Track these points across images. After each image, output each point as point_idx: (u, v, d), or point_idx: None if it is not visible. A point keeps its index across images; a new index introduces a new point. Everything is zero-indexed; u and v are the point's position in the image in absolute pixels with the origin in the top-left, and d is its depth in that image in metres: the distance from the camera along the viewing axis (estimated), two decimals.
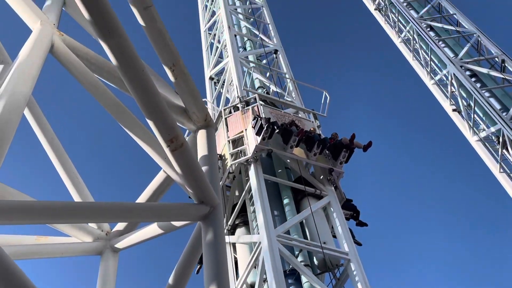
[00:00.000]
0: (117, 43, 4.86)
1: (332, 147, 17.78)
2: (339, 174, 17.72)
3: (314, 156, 17.53)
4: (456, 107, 27.78)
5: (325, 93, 20.24)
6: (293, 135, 17.17)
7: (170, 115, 5.35)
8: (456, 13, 30.72)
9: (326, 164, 17.78)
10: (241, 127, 18.48)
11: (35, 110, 6.94)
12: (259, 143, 16.90)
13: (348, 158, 17.77)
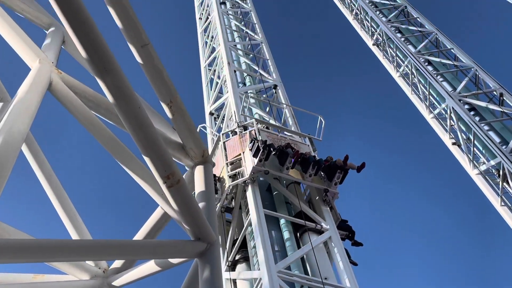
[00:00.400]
0: (113, 80, 4.91)
1: (326, 169, 18.13)
2: (334, 194, 18.01)
3: (309, 177, 17.84)
4: (456, 140, 27.80)
5: (320, 118, 20.55)
6: (289, 157, 17.53)
7: (167, 152, 5.37)
8: (453, 47, 31.03)
9: (321, 185, 18.00)
10: (239, 150, 18.83)
11: (33, 146, 6.97)
12: (256, 164, 17.21)
13: (342, 179, 18.05)
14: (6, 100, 8.50)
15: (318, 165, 17.93)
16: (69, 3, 4.68)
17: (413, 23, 34.57)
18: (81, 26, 4.75)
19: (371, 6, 36.48)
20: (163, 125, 6.73)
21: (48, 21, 7.77)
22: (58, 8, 4.68)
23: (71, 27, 4.75)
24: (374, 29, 35.88)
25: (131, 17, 5.84)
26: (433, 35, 32.51)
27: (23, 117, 5.48)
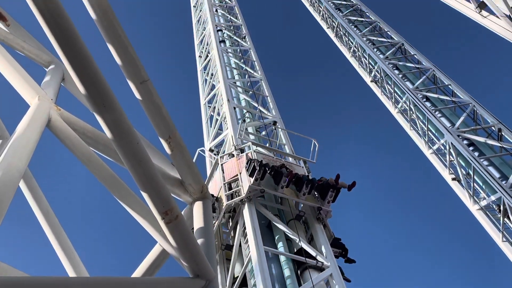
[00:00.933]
0: (112, 116, 4.92)
1: (319, 188, 18.75)
2: (327, 213, 18.50)
3: (303, 196, 18.44)
4: (455, 176, 27.78)
5: (314, 141, 21.22)
6: (284, 176, 18.11)
7: (165, 187, 5.35)
8: (451, 84, 31.26)
9: (315, 203, 18.53)
10: (236, 171, 19.37)
11: (31, 183, 6.95)
12: (252, 183, 17.80)
13: (335, 197, 18.61)
14: (4, 137, 8.52)
15: (312, 184, 18.52)
16: (68, 41, 4.73)
17: (411, 60, 34.92)
18: (80, 63, 4.78)
19: (368, 44, 36.89)
20: (162, 160, 6.73)
21: (48, 59, 7.84)
22: (58, 46, 4.72)
23: (70, 64, 4.78)
24: (372, 66, 36.22)
25: (130, 54, 5.88)
26: (431, 71, 32.80)
27: (21, 154, 5.47)
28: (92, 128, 6.42)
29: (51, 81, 7.04)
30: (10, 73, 6.41)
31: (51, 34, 4.65)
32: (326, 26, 44.09)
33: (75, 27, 4.77)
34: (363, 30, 38.73)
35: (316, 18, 46.33)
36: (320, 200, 18.65)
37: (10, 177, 5.07)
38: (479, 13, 20.04)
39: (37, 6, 4.53)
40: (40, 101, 6.11)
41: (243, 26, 37.13)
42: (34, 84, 6.37)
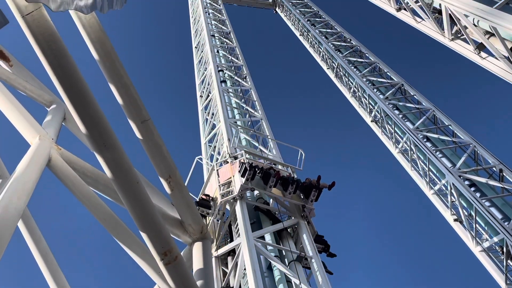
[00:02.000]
0: (113, 156, 4.92)
1: (304, 188, 20.71)
2: (310, 211, 20.36)
3: (289, 195, 20.40)
4: (458, 217, 27.53)
5: (300, 151, 23.01)
6: (271, 176, 20.20)
7: (164, 228, 5.30)
8: (451, 124, 31.27)
9: (299, 202, 20.41)
10: (230, 174, 21.34)
11: (30, 223, 6.89)
12: (243, 183, 19.75)
13: (317, 197, 20.60)
14: (4, 177, 8.50)
15: (297, 184, 20.49)
16: (70, 81, 4.76)
17: (410, 100, 35.01)
18: (82, 103, 4.81)
19: (368, 84, 37.11)
20: (161, 200, 6.69)
21: (50, 99, 7.90)
22: (60, 85, 4.76)
23: (72, 103, 4.81)
24: (372, 106, 36.35)
25: (131, 93, 5.93)
26: (431, 112, 32.86)
27: (21, 194, 5.44)
28: (92, 167, 6.41)
29: (52, 121, 7.06)
30: (11, 113, 6.44)
31: (54, 74, 4.69)
32: (326, 67, 44.48)
33: (77, 67, 4.81)
34: (363, 71, 38.97)
35: (316, 59, 46.80)
36: (304, 199, 20.54)
37: (9, 217, 5.03)
38: (478, 55, 20.27)
39: (40, 47, 4.58)
40: (40, 140, 6.12)
41: (244, 67, 37.44)
42: (35, 123, 6.39)
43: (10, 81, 7.70)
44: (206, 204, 20.70)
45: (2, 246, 4.70)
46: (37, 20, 4.46)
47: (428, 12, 23.04)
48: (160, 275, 5.69)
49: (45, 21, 4.51)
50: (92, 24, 5.68)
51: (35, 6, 4.41)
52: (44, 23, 4.50)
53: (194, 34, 45.53)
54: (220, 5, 51.60)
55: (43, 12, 4.49)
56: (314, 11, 51.73)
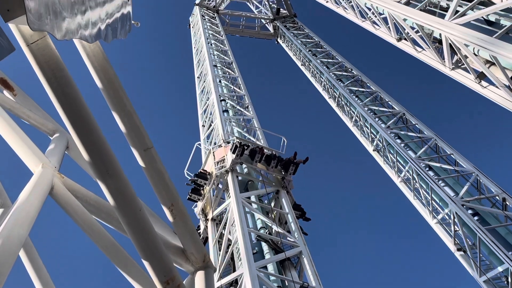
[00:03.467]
0: (116, 184, 4.92)
1: (283, 164, 25.49)
2: (289, 182, 25.30)
3: (272, 169, 25.38)
4: (461, 246, 27.32)
5: (283, 138, 27.59)
6: (257, 153, 25.16)
7: (167, 256, 5.27)
8: (453, 153, 31.27)
9: (280, 174, 25.46)
10: (223, 154, 26.26)
11: (31, 252, 6.85)
12: (234, 158, 24.77)
13: (295, 170, 25.48)
14: (6, 206, 8.47)
15: (278, 160, 25.42)
16: (74, 109, 4.79)
17: (412, 129, 35.09)
18: (86, 131, 4.84)
19: (370, 113, 37.24)
20: (164, 229, 6.66)
21: (53, 128, 7.93)
22: (64, 114, 4.78)
23: (76, 131, 4.83)
24: (374, 135, 36.43)
25: (134, 122, 5.96)
26: (432, 141, 32.90)
27: (23, 222, 5.41)
28: (95, 196, 6.40)
29: (55, 149, 7.08)
30: (14, 141, 6.46)
31: (58, 102, 4.72)
32: (328, 96, 44.70)
33: (81, 96, 4.85)
34: (364, 100, 39.15)
35: (318, 89, 47.05)
36: (284, 173, 25.37)
37: (10, 246, 5.00)
38: (479, 84, 20.36)
39: (45, 75, 4.62)
40: (43, 168, 6.12)
41: (246, 96, 37.70)
42: (38, 152, 6.40)
43: (14, 110, 7.73)
44: (204, 176, 25.94)
45: (3, 275, 4.67)
46: (42, 48, 4.50)
47: (429, 42, 23.24)
48: None
49: (50, 49, 4.55)
50: (96, 53, 5.73)
51: (40, 34, 4.46)
52: (49, 52, 4.54)
53: (196, 64, 45.93)
54: (222, 35, 52.15)
55: (48, 41, 4.54)
56: (315, 41, 52.21)
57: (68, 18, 4.26)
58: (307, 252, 21.13)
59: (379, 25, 29.21)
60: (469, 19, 19.62)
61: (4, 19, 3.43)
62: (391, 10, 25.43)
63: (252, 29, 61.81)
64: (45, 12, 3.72)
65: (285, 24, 59.02)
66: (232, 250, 21.51)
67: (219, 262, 20.46)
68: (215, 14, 59.72)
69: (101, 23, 5.35)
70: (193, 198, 26.10)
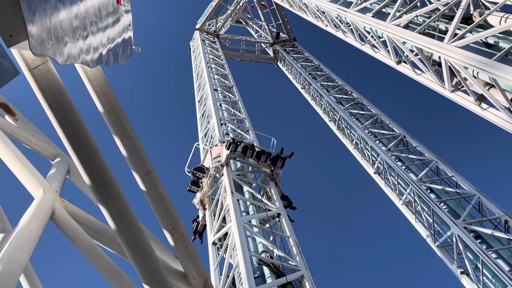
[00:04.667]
0: (117, 207, 4.92)
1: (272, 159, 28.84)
2: (277, 175, 28.50)
3: (261, 163, 28.76)
4: (464, 269, 27.12)
5: (273, 139, 30.78)
6: (248, 149, 28.57)
7: (168, 280, 5.23)
8: (454, 175, 31.22)
9: (269, 168, 28.75)
10: (219, 151, 29.49)
11: (32, 277, 6.81)
12: (228, 153, 28.17)
13: (282, 164, 28.84)
14: (7, 231, 8.45)
15: (267, 155, 28.79)
16: (76, 133, 4.81)
17: (413, 152, 35.07)
18: (87, 155, 4.85)
19: (370, 136, 37.29)
20: (165, 253, 6.62)
21: (54, 152, 7.94)
22: (65, 138, 4.80)
23: (77, 155, 4.84)
24: (375, 158, 36.42)
25: (135, 146, 5.98)
26: (434, 163, 32.87)
27: (23, 247, 5.39)
28: (96, 220, 6.38)
29: (56, 174, 7.08)
30: (16, 166, 6.46)
31: (59, 127, 4.74)
32: (328, 119, 44.80)
33: (83, 120, 4.87)
34: (365, 123, 39.24)
35: (318, 112, 47.17)
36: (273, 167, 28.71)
37: (11, 270, 4.98)
38: (478, 106, 20.40)
39: (46, 100, 4.64)
40: (44, 193, 6.12)
41: (247, 120, 37.85)
42: (39, 176, 6.40)
43: (15, 135, 7.76)
44: (202, 170, 29.39)
45: None
46: (43, 73, 4.53)
47: (428, 65, 23.34)
48: None
49: (52, 74, 4.58)
50: (97, 78, 5.78)
51: (42, 59, 4.49)
52: (51, 77, 4.58)
53: (197, 88, 46.14)
54: (222, 60, 52.46)
55: (50, 66, 4.57)
56: (315, 64, 52.50)
57: (70, 43, 4.30)
58: (309, 276, 21.06)
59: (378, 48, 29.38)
60: (468, 41, 19.72)
61: (7, 45, 3.47)
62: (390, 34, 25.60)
63: (252, 53, 62.22)
64: (47, 37, 3.76)
65: (285, 48, 59.43)
66: (233, 274, 21.42)
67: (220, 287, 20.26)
68: (215, 38, 60.14)
69: (103, 48, 5.40)
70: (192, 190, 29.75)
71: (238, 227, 22.79)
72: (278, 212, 25.90)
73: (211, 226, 28.84)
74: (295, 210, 28.06)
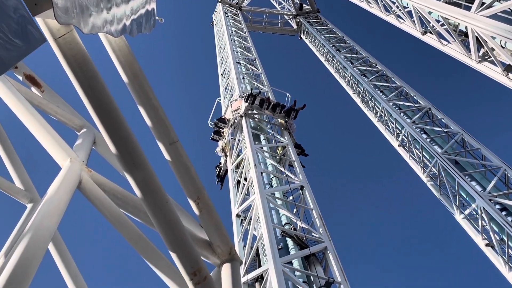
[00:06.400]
0: (142, 175, 4.97)
1: (286, 111, 31.73)
2: (291, 125, 31.60)
3: (277, 114, 31.69)
4: (489, 241, 26.95)
5: (287, 94, 34.16)
6: (265, 102, 31.51)
7: (194, 247, 5.30)
8: (480, 147, 30.82)
9: (283, 118, 31.70)
10: (239, 104, 32.17)
11: (60, 245, 6.95)
12: (247, 105, 31.22)
13: (295, 115, 31.82)
14: (35, 201, 8.63)
15: (282, 107, 31.79)
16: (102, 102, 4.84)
17: (438, 124, 34.63)
18: (112, 123, 4.89)
19: (395, 109, 36.88)
20: (189, 222, 6.69)
21: (80, 123, 8.03)
22: (91, 107, 4.83)
23: (103, 124, 4.88)
24: (399, 130, 36.08)
25: (160, 116, 6.00)
26: (459, 135, 32.46)
27: (52, 215, 5.48)
28: (121, 189, 6.46)
29: (82, 144, 7.17)
30: (43, 136, 6.56)
31: (85, 96, 4.78)
32: (352, 92, 44.41)
33: (108, 90, 4.90)
34: (389, 95, 38.77)
35: (342, 84, 46.79)
36: (287, 118, 31.59)
37: (41, 237, 5.08)
38: (506, 76, 20.04)
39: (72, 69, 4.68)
40: (71, 163, 6.20)
41: (270, 93, 37.80)
42: (66, 147, 6.48)
43: (41, 106, 7.85)
44: (223, 120, 32.52)
45: (34, 266, 4.75)
46: (69, 42, 4.55)
47: (454, 35, 22.95)
48: None
49: (77, 44, 4.60)
50: (121, 47, 5.79)
51: (67, 29, 4.51)
52: (76, 46, 4.60)
53: (220, 61, 46.01)
54: (245, 32, 52.14)
55: (75, 35, 4.59)
56: (339, 36, 51.87)
57: (94, 13, 4.31)
58: (332, 248, 21.13)
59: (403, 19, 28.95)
60: (496, 10, 19.29)
61: (32, 13, 3.49)
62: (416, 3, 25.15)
63: (275, 25, 61.72)
64: (71, 6, 3.78)
65: (308, 19, 58.79)
66: (257, 246, 21.60)
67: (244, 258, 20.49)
68: (238, 11, 59.72)
69: (126, 18, 5.41)
70: (215, 138, 32.94)
71: (261, 200, 22.92)
72: (301, 184, 25.98)
73: (233, 177, 30.84)
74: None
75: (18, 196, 8.53)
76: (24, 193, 8.56)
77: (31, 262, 4.92)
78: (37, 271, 5.07)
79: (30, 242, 4.95)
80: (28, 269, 4.82)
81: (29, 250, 4.86)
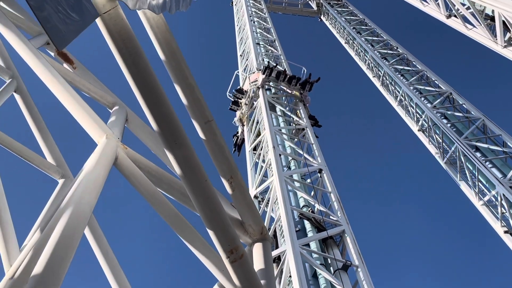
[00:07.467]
0: (183, 153, 4.99)
1: (301, 83, 33.75)
2: (305, 97, 33.29)
3: (292, 87, 33.51)
4: (508, 228, 26.82)
5: (303, 68, 36.09)
6: (281, 74, 33.53)
7: (231, 226, 5.34)
8: (502, 134, 30.53)
9: (298, 91, 33.50)
10: (257, 77, 33.97)
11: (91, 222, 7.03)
12: (264, 77, 33.12)
13: (310, 88, 33.80)
14: (67, 177, 8.71)
15: (297, 80, 33.76)
16: (144, 78, 4.86)
17: (459, 109, 34.32)
18: (155, 100, 4.91)
19: (415, 93, 36.56)
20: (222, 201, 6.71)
21: (113, 100, 8.05)
22: (134, 83, 4.85)
23: (145, 100, 4.90)
24: (419, 115, 35.80)
25: (196, 94, 6.01)
26: (480, 121, 32.15)
27: (92, 189, 5.51)
28: (156, 166, 6.49)
29: (116, 121, 7.19)
30: (79, 113, 6.59)
31: (128, 72, 4.79)
32: (372, 75, 44.10)
33: (151, 66, 4.91)
34: (410, 79, 38.43)
35: (362, 67, 46.46)
36: (302, 90, 33.45)
37: (81, 212, 5.13)
38: None
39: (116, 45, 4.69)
40: (107, 139, 6.23)
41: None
42: (102, 123, 6.51)
43: (74, 83, 7.89)
44: (241, 91, 34.23)
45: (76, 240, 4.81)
46: (114, 18, 4.56)
47: (480, 19, 22.63)
48: (224, 273, 5.71)
49: (122, 20, 4.61)
50: (160, 25, 5.79)
51: (112, 4, 4.52)
52: (121, 22, 4.61)
53: (239, 42, 45.87)
54: (265, 13, 51.88)
55: (120, 11, 4.60)
56: (360, 18, 51.40)
57: None
58: (350, 231, 21.18)
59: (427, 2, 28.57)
60: None
61: None
62: None
63: (295, 7, 61.31)
64: None
65: (329, 1, 58.26)
66: (275, 227, 21.70)
67: None
68: None
69: None
70: (233, 108, 34.85)
71: (280, 181, 22.98)
72: (320, 167, 25.98)
73: (249, 139, 32.49)
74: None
75: (50, 171, 8.62)
76: (56, 169, 8.65)
77: (73, 237, 4.96)
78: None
79: (71, 217, 4.99)
80: (71, 242, 4.86)
81: (71, 225, 4.90)
